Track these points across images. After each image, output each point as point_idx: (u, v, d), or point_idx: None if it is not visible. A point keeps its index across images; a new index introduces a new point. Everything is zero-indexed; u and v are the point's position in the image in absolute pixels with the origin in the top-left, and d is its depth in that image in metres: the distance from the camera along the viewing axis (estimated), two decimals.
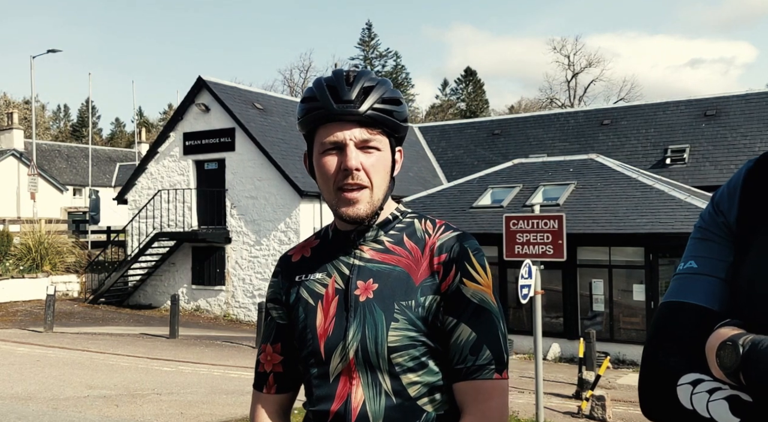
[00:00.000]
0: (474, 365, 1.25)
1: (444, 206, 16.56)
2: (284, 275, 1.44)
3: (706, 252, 1.03)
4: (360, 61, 57.23)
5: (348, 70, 1.33)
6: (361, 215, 1.30)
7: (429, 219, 1.39)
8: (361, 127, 1.29)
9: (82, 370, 10.28)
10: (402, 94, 26.20)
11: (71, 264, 21.08)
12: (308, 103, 1.32)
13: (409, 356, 1.26)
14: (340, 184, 1.29)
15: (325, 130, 1.30)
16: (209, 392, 9.03)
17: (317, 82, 1.34)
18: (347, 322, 1.30)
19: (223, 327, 17.10)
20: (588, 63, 49.73)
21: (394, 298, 1.28)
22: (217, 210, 18.79)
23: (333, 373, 1.29)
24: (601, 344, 12.93)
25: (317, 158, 1.32)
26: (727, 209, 1.04)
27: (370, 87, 1.30)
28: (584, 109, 26.74)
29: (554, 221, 7.39)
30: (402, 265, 1.32)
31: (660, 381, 0.96)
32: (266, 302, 1.47)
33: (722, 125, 20.22)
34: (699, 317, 0.97)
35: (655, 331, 1.01)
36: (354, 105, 1.28)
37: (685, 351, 0.95)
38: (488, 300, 1.29)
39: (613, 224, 13.87)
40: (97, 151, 41.59)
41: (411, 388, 1.26)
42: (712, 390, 0.89)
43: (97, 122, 71.05)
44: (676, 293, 1.02)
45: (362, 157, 1.29)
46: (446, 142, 25.38)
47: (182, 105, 19.79)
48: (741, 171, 1.06)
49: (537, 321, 7.40)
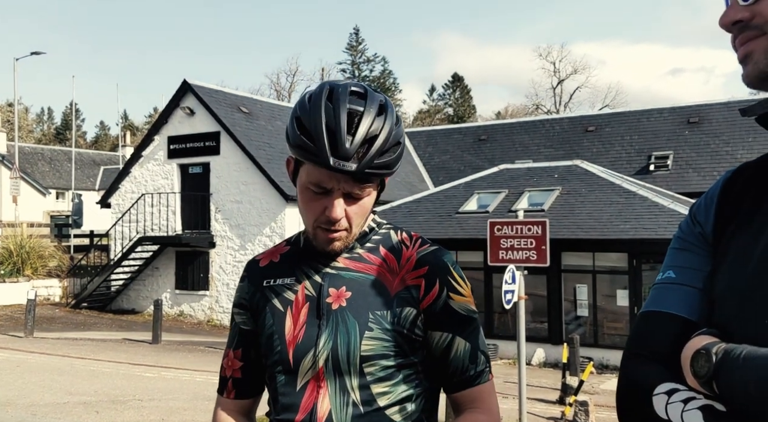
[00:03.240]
0: (475, 372, 1.30)
1: (430, 211, 16.57)
2: (251, 280, 1.41)
3: (684, 263, 1.03)
4: (347, 66, 57.28)
5: (351, 108, 1.21)
6: (336, 250, 1.31)
7: (404, 230, 1.39)
8: (353, 181, 1.24)
9: (62, 376, 10.15)
10: (390, 98, 26.78)
11: (53, 269, 20.85)
12: (303, 135, 1.22)
13: (381, 366, 1.25)
14: (320, 224, 1.27)
15: (314, 169, 1.23)
16: (192, 398, 8.94)
17: (316, 116, 1.21)
18: (318, 330, 1.27)
19: (206, 333, 16.98)
20: (573, 70, 50.22)
21: (369, 307, 1.27)
22: (202, 214, 18.68)
23: (300, 382, 1.27)
24: (585, 349, 12.97)
25: (302, 186, 1.29)
26: (704, 220, 1.04)
27: (373, 137, 1.21)
28: (569, 115, 26.93)
29: (538, 227, 7.41)
30: (377, 275, 1.30)
31: (636, 391, 0.96)
32: (232, 307, 1.45)
33: (705, 132, 20.44)
34: (676, 327, 0.98)
35: (632, 341, 1.02)
36: (351, 161, 1.19)
37: (661, 361, 0.96)
38: (473, 309, 1.34)
39: (597, 230, 13.95)
40: (81, 155, 41.24)
41: (380, 398, 1.25)
42: (687, 399, 0.89)
43: (81, 125, 70.47)
44: (654, 303, 1.03)
45: (347, 205, 1.26)
46: (433, 147, 25.44)
47: (167, 108, 19.67)
48: (718, 182, 1.06)
49: (521, 326, 7.41)
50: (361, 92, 1.26)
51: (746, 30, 0.92)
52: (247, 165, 17.88)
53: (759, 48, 0.91)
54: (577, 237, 13.89)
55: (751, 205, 0.98)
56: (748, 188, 1.01)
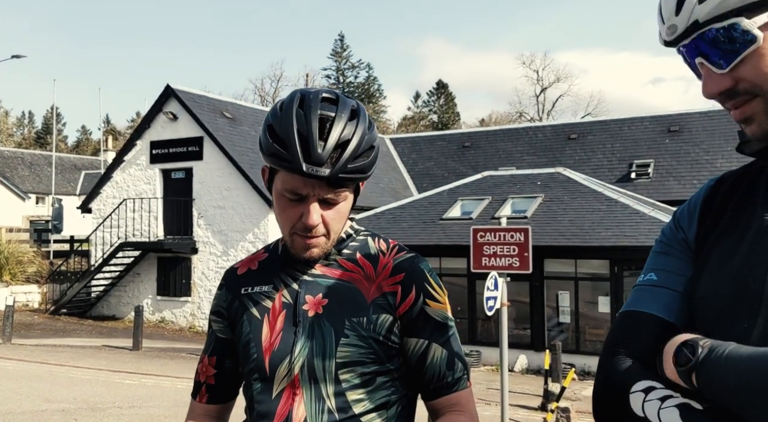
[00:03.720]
0: (453, 379, 1.30)
1: (414, 217, 16.60)
2: (228, 288, 1.41)
3: (665, 266, 1.05)
4: (332, 72, 57.33)
5: (323, 114, 1.22)
6: (314, 257, 1.30)
7: (382, 238, 1.39)
8: (328, 187, 1.23)
9: (40, 383, 10.00)
10: (374, 105, 26.30)
11: (32, 274, 20.58)
12: (275, 142, 1.22)
13: (357, 373, 1.25)
14: (297, 231, 1.27)
15: (288, 176, 1.23)
16: (172, 405, 8.85)
17: (288, 122, 1.21)
18: (295, 337, 1.28)
19: (188, 339, 16.83)
20: (556, 78, 50.72)
21: (345, 314, 1.27)
22: (184, 219, 18.55)
23: (276, 389, 1.27)
24: (567, 356, 13.04)
25: (277, 194, 1.29)
26: (686, 226, 1.06)
27: (345, 141, 1.21)
28: (552, 123, 27.16)
29: (520, 234, 7.45)
30: (353, 282, 1.30)
31: (613, 389, 0.97)
32: (210, 314, 1.45)
33: (685, 141, 20.71)
34: (655, 327, 0.99)
35: (610, 339, 1.03)
36: (324, 166, 1.19)
37: (639, 359, 0.97)
38: (449, 316, 1.33)
39: (579, 237, 14.06)
40: (62, 159, 40.82)
41: (356, 405, 1.25)
42: (664, 397, 0.90)
43: (63, 129, 69.77)
44: (634, 303, 1.04)
45: (323, 210, 1.26)
46: (417, 153, 25.52)
47: (150, 113, 19.54)
48: (702, 189, 1.08)
49: (503, 333, 7.44)
50: (333, 98, 1.26)
51: (734, 96, 0.92)
52: (230, 170, 17.80)
53: (758, 110, 0.91)
54: (560, 244, 13.99)
55: (732, 214, 1.00)
56: (729, 197, 1.02)
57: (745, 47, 0.88)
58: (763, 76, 0.89)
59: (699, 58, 0.93)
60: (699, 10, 0.90)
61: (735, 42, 0.89)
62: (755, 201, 0.98)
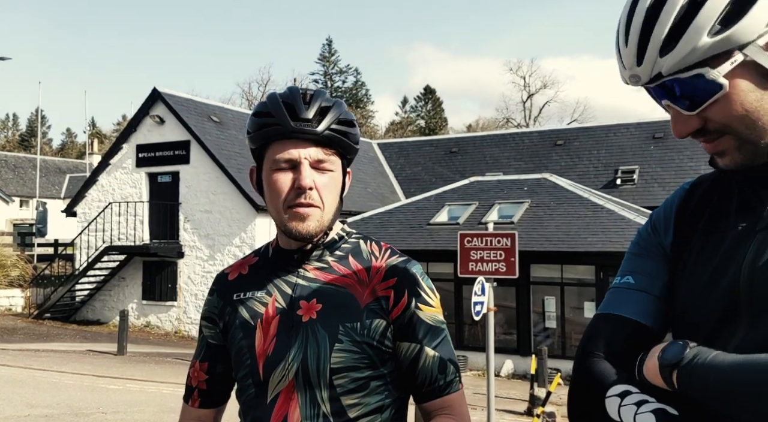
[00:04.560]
0: (444, 383, 1.30)
1: (401, 222, 16.62)
2: (220, 293, 1.41)
3: (642, 269, 1.05)
4: (320, 77, 57.35)
5: (305, 89, 1.32)
6: (311, 232, 1.29)
7: (374, 241, 1.40)
8: (317, 147, 1.28)
9: (23, 388, 9.89)
10: (362, 110, 26.47)
11: (15, 278, 20.36)
12: (262, 117, 1.30)
13: (351, 378, 1.25)
14: (291, 202, 1.28)
15: (278, 147, 1.28)
16: (157, 411, 8.79)
17: (272, 97, 1.31)
18: (289, 342, 1.28)
19: (174, 344, 16.71)
20: (543, 84, 50.99)
21: (339, 320, 1.27)
22: (170, 223, 18.44)
23: (270, 394, 1.27)
24: (553, 361, 13.10)
25: (268, 174, 1.30)
26: (662, 231, 1.06)
27: (327, 107, 1.29)
28: (539, 129, 27.34)
29: (507, 239, 7.49)
30: (347, 286, 1.31)
31: (589, 392, 0.97)
32: (201, 319, 1.45)
33: (670, 147, 20.93)
34: (630, 330, 0.99)
35: (586, 341, 1.02)
36: (311, 124, 1.27)
37: (614, 363, 0.97)
38: (441, 319, 1.34)
39: (566, 242, 14.15)
40: (46, 162, 40.46)
41: (351, 410, 1.25)
42: (640, 402, 0.90)
43: (47, 132, 69.22)
44: (609, 305, 1.04)
45: (316, 176, 1.28)
46: (405, 158, 25.57)
47: (136, 116, 19.44)
48: (676, 194, 1.09)
49: (490, 338, 7.46)
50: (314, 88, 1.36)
51: (704, 134, 0.93)
52: (218, 174, 17.74)
53: (729, 147, 0.92)
54: (546, 249, 14.07)
55: (706, 223, 1.01)
56: (703, 205, 1.03)
57: (711, 95, 0.89)
58: (731, 117, 0.89)
59: (665, 100, 0.94)
60: (662, 63, 0.89)
61: (701, 90, 0.89)
62: (728, 209, 0.99)
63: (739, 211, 0.97)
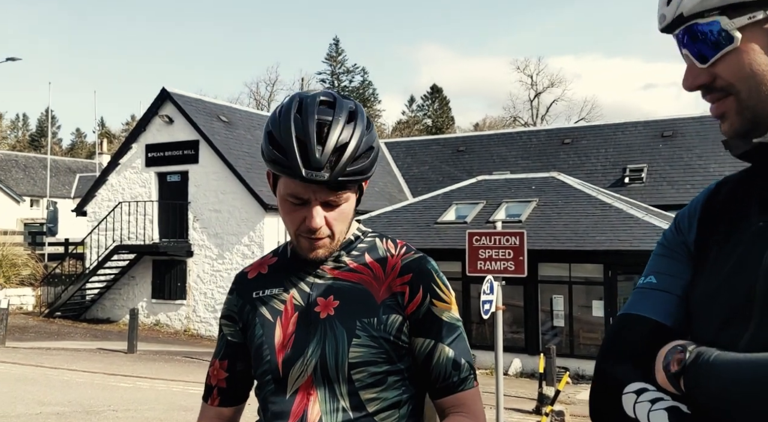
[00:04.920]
0: (459, 379, 1.31)
1: (409, 221, 16.64)
2: (239, 292, 1.43)
3: (665, 269, 1.06)
4: (327, 76, 57.37)
5: (321, 118, 1.24)
6: (320, 257, 1.33)
7: (390, 238, 1.42)
8: (329, 190, 1.26)
9: (34, 386, 9.98)
10: (369, 109, 26.26)
11: (26, 277, 20.52)
12: (275, 149, 1.24)
13: (369, 373, 1.27)
14: (302, 233, 1.30)
15: (290, 182, 1.26)
16: (167, 409, 8.85)
17: (286, 129, 1.24)
18: (307, 338, 1.30)
19: (183, 342, 16.81)
20: (550, 83, 50.86)
21: (356, 315, 1.30)
22: (180, 223, 18.53)
23: (290, 390, 1.30)
24: (561, 359, 13.09)
25: (281, 199, 1.32)
26: (687, 229, 1.07)
27: (343, 145, 1.23)
28: (546, 128, 27.27)
29: (516, 237, 7.50)
30: (363, 283, 1.33)
31: (607, 389, 0.98)
32: (220, 318, 1.47)
33: (678, 146, 20.84)
34: (651, 330, 1.00)
35: (607, 341, 1.04)
36: (324, 171, 1.21)
37: (633, 361, 0.98)
38: (456, 316, 1.35)
39: (574, 241, 14.13)
40: (56, 162, 40.70)
41: (369, 404, 1.28)
42: (654, 400, 0.91)
43: (57, 132, 69.59)
44: (632, 306, 1.05)
45: (326, 212, 1.29)
46: (412, 157, 25.57)
47: (145, 116, 19.53)
48: (702, 194, 1.09)
49: (498, 336, 7.48)
50: (330, 101, 1.28)
51: (712, 91, 0.95)
52: (226, 174, 17.81)
53: (729, 110, 0.94)
54: (554, 248, 14.05)
55: (728, 220, 1.01)
56: (727, 203, 1.04)
57: (723, 46, 0.91)
58: (737, 76, 0.91)
59: (684, 49, 0.96)
60: (684, 4, 0.93)
61: (714, 40, 0.91)
62: (749, 209, 0.99)
63: (761, 210, 0.97)
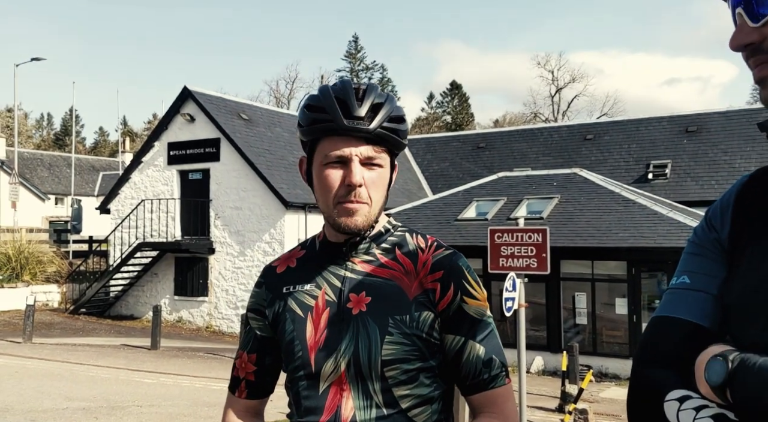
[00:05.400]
0: (489, 376, 1.31)
1: (429, 218, 16.60)
2: (268, 286, 1.43)
3: (698, 268, 1.02)
4: (346, 74, 57.38)
5: (357, 83, 1.34)
6: (359, 226, 1.31)
7: (420, 234, 1.41)
8: (368, 144, 1.30)
9: (61, 382, 10.13)
10: None
11: (52, 274, 20.82)
12: (315, 112, 1.31)
13: (402, 369, 1.27)
14: (341, 198, 1.30)
15: (330, 143, 1.29)
16: (191, 404, 8.93)
17: (325, 91, 1.32)
18: (340, 335, 1.30)
19: (205, 339, 16.95)
20: (571, 78, 50.34)
21: (389, 312, 1.29)
22: (201, 220, 18.68)
23: (323, 386, 1.29)
24: (584, 357, 12.98)
25: (319, 169, 1.32)
26: (719, 225, 1.03)
27: (379, 104, 1.31)
28: (568, 123, 27.02)
29: (538, 234, 7.43)
30: (395, 279, 1.33)
31: (647, 396, 0.95)
32: (247, 311, 1.47)
33: (703, 141, 20.51)
34: (688, 333, 0.97)
35: (644, 345, 1.01)
36: (363, 122, 1.28)
37: (673, 367, 0.95)
38: (487, 313, 1.35)
39: (596, 238, 13.98)
40: (80, 160, 41.25)
41: (403, 401, 1.27)
42: (699, 407, 0.88)
43: (81, 131, 70.52)
44: (666, 308, 1.02)
45: (365, 172, 1.30)
46: (432, 154, 25.50)
47: (167, 115, 19.70)
48: (734, 187, 1.05)
49: (521, 334, 7.42)
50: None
51: (758, 53, 0.92)
52: (247, 171, 17.91)
53: None
54: (576, 245, 13.92)
55: (765, 215, 0.97)
56: (762, 196, 1.00)
57: None
58: None
59: (739, 7, 0.93)
60: None
61: None
62: None
63: None
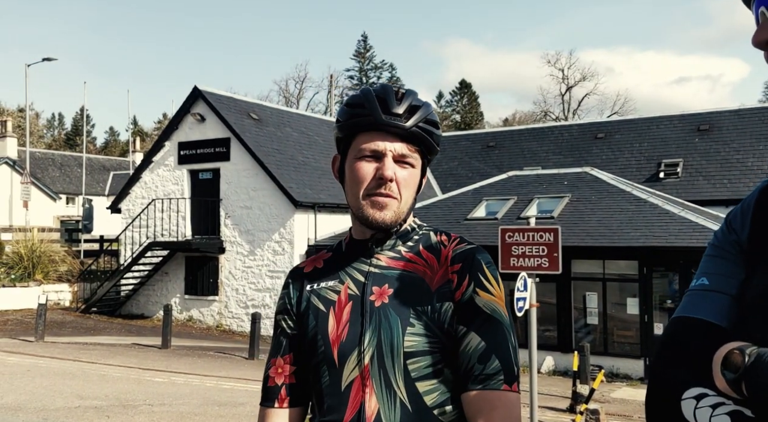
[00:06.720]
0: (482, 374, 1.23)
1: (439, 218, 16.56)
2: (295, 286, 1.44)
3: (718, 270, 1.04)
4: (355, 73, 57.45)
5: (398, 87, 1.38)
6: (387, 221, 1.32)
7: (445, 232, 1.43)
8: (402, 142, 1.33)
9: (73, 380, 10.19)
10: None
11: (63, 274, 20.96)
12: (354, 108, 1.35)
13: (426, 362, 1.26)
14: (371, 190, 1.32)
15: (366, 137, 1.33)
16: (202, 403, 8.96)
17: (366, 91, 1.37)
18: (362, 328, 1.29)
19: (215, 338, 17.01)
20: (582, 77, 50.05)
21: (410, 303, 1.29)
22: (211, 220, 18.74)
23: (345, 381, 1.28)
24: (595, 357, 12.91)
25: (352, 162, 1.35)
26: (739, 227, 1.04)
27: (416, 106, 1.35)
28: (578, 122, 26.89)
29: (550, 234, 7.39)
30: (417, 272, 1.34)
31: (665, 394, 0.97)
32: (276, 315, 1.46)
33: (715, 140, 20.35)
34: (707, 333, 0.98)
35: (663, 345, 1.02)
36: (401, 119, 1.32)
37: (691, 366, 0.96)
38: (500, 311, 1.29)
39: (607, 237, 13.90)
40: (91, 160, 41.48)
41: (427, 397, 1.25)
42: (716, 405, 0.89)
43: (92, 131, 70.93)
44: (686, 309, 1.03)
45: (397, 169, 1.33)
46: (441, 153, 25.39)
47: (177, 114, 19.78)
48: (755, 190, 1.06)
49: (532, 334, 7.39)
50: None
51: None
52: (257, 171, 17.95)
53: None
54: (587, 244, 13.85)
55: None
56: None
57: None
58: None
59: (762, 6, 0.94)
60: None
61: None
62: None
63: None
